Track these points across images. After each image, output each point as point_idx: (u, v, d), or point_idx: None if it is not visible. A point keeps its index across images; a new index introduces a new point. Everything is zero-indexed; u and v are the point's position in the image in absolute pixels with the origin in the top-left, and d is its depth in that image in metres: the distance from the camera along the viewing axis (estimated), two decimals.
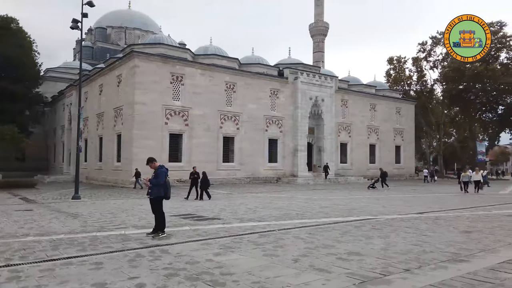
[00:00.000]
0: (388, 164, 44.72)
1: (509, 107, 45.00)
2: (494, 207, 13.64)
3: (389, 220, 9.96)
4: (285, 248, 6.34)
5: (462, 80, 44.46)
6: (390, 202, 15.98)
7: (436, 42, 50.19)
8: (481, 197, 19.28)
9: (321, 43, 65.46)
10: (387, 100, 45.65)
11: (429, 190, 25.77)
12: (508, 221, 9.63)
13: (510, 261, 5.37)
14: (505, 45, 43.28)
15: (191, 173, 17.64)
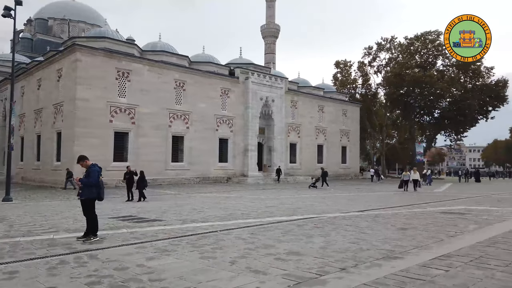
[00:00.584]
0: (335, 164, 46.08)
1: (444, 111, 48.03)
2: (429, 205, 14.29)
3: (332, 218, 10.05)
4: (224, 250, 6.09)
5: (402, 84, 46.76)
6: (335, 200, 16.28)
7: (381, 47, 52.48)
8: (418, 195, 20.26)
9: (272, 45, 66.05)
10: (334, 102, 46.95)
11: (372, 189, 26.73)
12: (441, 218, 10.05)
13: (441, 257, 5.50)
14: (441, 53, 46.12)
15: (125, 173, 16.42)
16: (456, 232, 7.70)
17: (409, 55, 48.36)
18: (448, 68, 47.59)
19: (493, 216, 10.40)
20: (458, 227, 8.43)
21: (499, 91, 45.58)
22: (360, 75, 56.16)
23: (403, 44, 49.85)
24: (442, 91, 44.14)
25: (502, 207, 12.91)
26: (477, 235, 7.33)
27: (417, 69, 46.55)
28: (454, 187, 28.15)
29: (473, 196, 18.76)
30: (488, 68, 45.95)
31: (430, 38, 46.92)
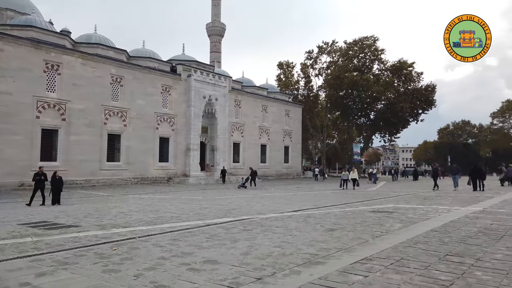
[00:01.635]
0: (278, 164, 46.44)
1: (379, 113, 50.29)
2: (362, 203, 14.51)
3: (263, 220, 9.69)
4: (134, 261, 5.42)
5: (341, 87, 48.23)
6: (272, 200, 16.05)
7: (322, 51, 53.76)
8: (354, 193, 20.70)
9: (218, 44, 65.14)
10: (278, 103, 47.29)
11: (311, 188, 27.05)
12: (369, 217, 10.08)
13: (363, 260, 5.28)
14: (377, 57, 48.23)
15: (36, 173, 14.20)
16: (382, 232, 7.64)
17: (348, 59, 50.01)
18: (383, 72, 49.89)
19: (418, 214, 10.66)
20: (384, 226, 8.43)
21: (428, 95, 48.61)
22: (303, 76, 57.14)
23: (342, 48, 51.44)
24: (377, 94, 46.13)
25: (428, 205, 13.40)
26: (401, 235, 7.31)
27: (355, 72, 48.24)
28: (387, 186, 29.34)
29: (402, 194, 19.50)
30: (418, 73, 48.87)
31: (367, 43, 48.88)
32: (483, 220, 9.30)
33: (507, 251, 5.88)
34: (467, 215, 10.29)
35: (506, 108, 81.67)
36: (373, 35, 48.94)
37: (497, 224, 8.63)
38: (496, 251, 5.88)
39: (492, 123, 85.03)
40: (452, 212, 10.98)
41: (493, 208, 12.15)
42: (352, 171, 27.40)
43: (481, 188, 21.14)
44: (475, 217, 9.80)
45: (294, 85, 58.09)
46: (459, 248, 6.10)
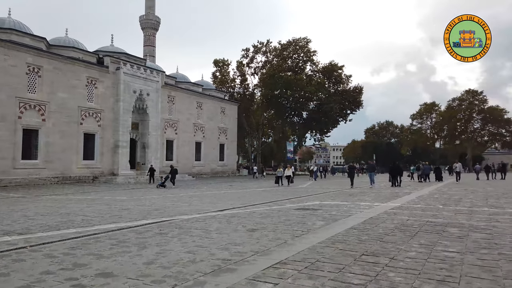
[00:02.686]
0: (213, 161, 45.70)
1: (311, 112, 51.73)
2: (290, 201, 14.40)
3: (184, 221, 9.01)
4: (10, 277, 4.48)
5: (276, 86, 48.80)
6: (200, 200, 15.37)
7: (257, 50, 53.92)
8: (285, 190, 20.71)
9: (152, 37, 62.62)
10: (213, 100, 46.54)
11: (245, 186, 26.75)
12: (293, 215, 9.86)
13: (277, 264, 4.87)
14: (310, 58, 49.49)
15: None
16: (303, 232, 7.37)
17: (282, 59, 50.73)
18: (315, 74, 51.37)
19: (341, 211, 10.68)
20: (306, 225, 8.20)
21: (356, 97, 50.99)
22: (239, 75, 56.98)
23: (277, 48, 52.05)
24: (310, 94, 47.37)
25: (351, 202, 13.62)
26: (321, 234, 7.09)
27: (289, 72, 49.09)
28: (317, 183, 30.00)
29: (330, 191, 19.89)
30: (347, 76, 51.05)
31: (300, 44, 49.95)
32: (400, 216, 9.51)
33: (420, 248, 5.85)
34: (386, 211, 10.51)
35: (424, 110, 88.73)
36: (306, 37, 50.22)
37: (413, 219, 8.83)
38: (410, 248, 5.83)
39: (412, 124, 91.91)
40: (373, 209, 11.18)
41: (410, 203, 12.64)
42: (287, 169, 28.37)
43: (398, 183, 22.75)
44: (393, 213, 10.01)
45: (230, 83, 57.73)
46: (375, 246, 5.97)
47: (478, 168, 38.25)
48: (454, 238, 6.63)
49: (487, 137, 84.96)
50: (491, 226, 7.83)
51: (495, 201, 13.22)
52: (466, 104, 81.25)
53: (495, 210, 10.58)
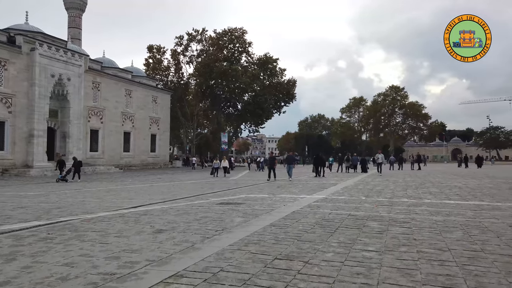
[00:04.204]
0: (143, 153, 43.35)
1: (245, 104, 51.26)
2: (215, 194, 13.55)
3: (84, 222, 7.71)
4: None
5: (211, 76, 47.49)
6: (117, 195, 13.91)
7: (192, 38, 52.00)
8: (216, 182, 19.84)
9: (77, 19, 57.49)
10: (144, 88, 44.04)
11: (174, 178, 25.42)
12: (214, 211, 9.01)
13: (170, 278, 3.97)
14: (245, 50, 48.82)
15: None
16: (217, 231, 6.53)
17: (218, 49, 49.45)
18: (251, 65, 50.86)
19: (265, 205, 10.05)
20: (223, 223, 7.38)
21: (289, 89, 51.44)
22: (173, 63, 54.66)
23: (213, 37, 50.61)
24: (245, 85, 46.76)
25: (278, 194, 13.13)
26: (235, 233, 6.30)
27: (225, 62, 48.00)
28: (249, 175, 29.53)
29: (260, 183, 19.39)
30: (282, 69, 51.25)
31: (236, 35, 49.03)
32: (323, 209, 9.09)
33: (339, 247, 5.31)
34: (310, 204, 10.08)
35: (352, 104, 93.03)
36: (242, 27, 49.43)
37: (335, 213, 8.43)
38: (328, 248, 5.25)
39: (341, 117, 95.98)
40: (297, 202, 10.72)
41: (335, 195, 12.45)
42: (223, 160, 28.55)
43: (322, 174, 23.62)
44: (316, 207, 9.59)
45: (165, 71, 55.20)
46: (291, 247, 5.31)
47: (392, 160, 40.82)
48: (374, 233, 6.23)
49: (407, 130, 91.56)
50: (410, 218, 7.64)
51: (413, 191, 13.55)
52: (390, 100, 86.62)
53: (413, 201, 10.66)
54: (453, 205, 9.59)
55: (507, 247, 5.20)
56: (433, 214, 8.13)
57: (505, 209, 8.86)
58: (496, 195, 11.91)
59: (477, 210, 8.77)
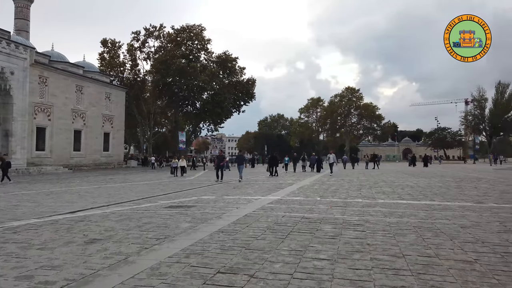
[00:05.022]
0: (96, 152, 41.18)
1: (204, 102, 50.20)
2: (166, 196, 12.75)
3: (7, 231, 6.73)
4: None
5: (169, 73, 46.02)
6: (58, 197, 12.73)
7: (149, 34, 50.20)
8: (171, 182, 18.94)
9: (25, 9, 53.46)
10: (97, 84, 41.83)
11: (126, 178, 24.11)
12: (159, 216, 8.29)
13: None
14: (204, 47, 47.81)
15: None
16: (158, 240, 5.87)
17: (176, 45, 48.05)
18: (210, 63, 49.90)
19: (217, 208, 9.47)
20: (168, 229, 6.72)
21: (249, 89, 51.03)
22: (130, 59, 52.49)
23: (171, 33, 49.12)
24: (204, 83, 45.74)
25: (232, 195, 12.59)
26: (178, 242, 5.68)
27: (183, 59, 46.71)
28: (206, 175, 28.75)
29: (216, 183, 18.75)
30: (241, 67, 50.72)
31: (195, 32, 47.89)
32: (276, 211, 8.66)
33: (289, 256, 4.85)
34: (264, 206, 9.63)
35: (310, 105, 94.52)
36: (200, 24, 48.34)
37: (289, 216, 8.02)
38: (277, 257, 4.77)
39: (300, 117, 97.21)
40: (251, 203, 10.23)
41: (290, 196, 12.11)
42: (182, 160, 28.21)
43: (275, 173, 24.13)
44: (270, 209, 9.15)
45: (120, 67, 52.84)
46: (237, 257, 4.78)
47: (345, 159, 41.81)
48: (327, 238, 5.85)
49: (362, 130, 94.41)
50: (363, 221, 7.38)
51: (367, 191, 13.52)
52: (346, 101, 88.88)
53: (367, 201, 10.52)
54: (405, 205, 9.52)
55: (461, 251, 5.00)
56: (387, 216, 7.95)
57: (455, 209, 8.89)
58: (445, 194, 12.12)
59: (429, 210, 8.73)
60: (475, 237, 5.82)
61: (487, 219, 7.44)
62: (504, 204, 9.60)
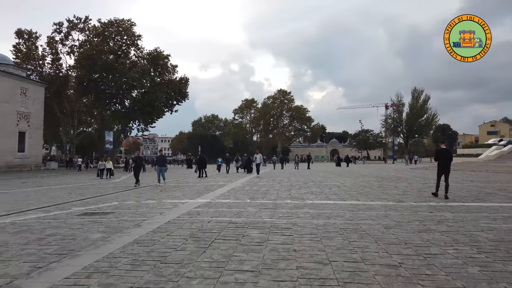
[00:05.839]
0: (9, 153, 36.96)
1: (134, 101, 47.66)
2: (83, 201, 11.48)
3: None
4: None
5: (95, 69, 42.93)
6: None
7: (73, 26, 46.48)
8: (94, 186, 17.31)
9: None
10: (10, 78, 37.61)
11: (42, 182, 21.72)
12: (67, 226, 7.25)
13: None
14: (134, 43, 45.42)
15: None
16: (59, 255, 4.97)
17: (103, 40, 45.01)
18: (140, 60, 47.55)
19: (138, 214, 8.61)
20: (75, 241, 5.80)
21: (182, 88, 49.54)
22: (50, 52, 48.08)
23: (97, 27, 45.90)
24: (133, 81, 43.39)
25: (159, 199, 11.71)
26: (81, 259, 4.84)
27: (111, 55, 43.88)
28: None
29: (143, 186, 17.57)
30: (173, 65, 49.06)
31: (124, 26, 45.31)
32: (203, 216, 8.08)
33: (210, 269, 4.33)
34: (190, 210, 8.99)
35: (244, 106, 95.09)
36: (130, 19, 45.82)
37: (215, 221, 7.49)
38: (196, 272, 4.22)
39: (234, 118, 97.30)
40: (177, 208, 9.52)
41: (220, 198, 11.59)
42: (107, 161, 26.98)
43: (204, 174, 23.93)
44: (197, 213, 8.54)
45: (39, 60, 48.19)
46: (149, 275, 4.14)
47: (274, 160, 42.67)
48: (253, 245, 5.43)
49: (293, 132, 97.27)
50: (291, 224, 7.11)
51: (296, 191, 13.50)
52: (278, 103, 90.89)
53: (296, 202, 10.39)
54: (332, 206, 9.52)
55: (386, 254, 4.88)
56: (314, 217, 7.79)
57: (379, 208, 9.07)
58: (369, 194, 12.49)
59: (354, 210, 8.78)
60: (398, 238, 5.81)
61: (408, 218, 7.61)
62: (421, 203, 10.06)
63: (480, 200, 10.50)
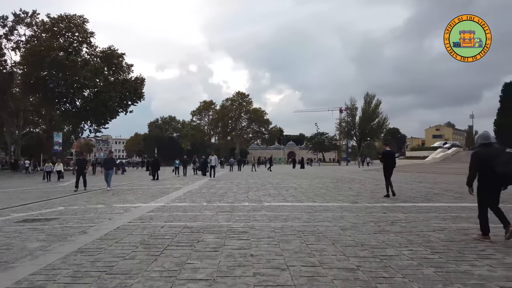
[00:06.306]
0: None
1: (86, 101, 45.35)
2: (25, 207, 10.56)
3: None
4: None
5: (43, 66, 40.33)
6: None
7: (19, 20, 43.45)
8: (40, 189, 16.05)
9: None
10: None
11: None
12: (3, 234, 6.55)
13: None
14: (86, 40, 43.27)
15: None
16: None
17: (53, 36, 42.44)
18: (93, 58, 45.37)
19: (84, 220, 7.99)
20: (9, 252, 5.18)
21: (137, 88, 47.87)
22: None
23: (46, 22, 43.22)
24: (85, 80, 41.27)
25: (109, 203, 11.03)
26: (13, 272, 4.30)
27: (61, 52, 41.45)
28: None
29: (94, 189, 16.60)
30: (128, 65, 47.32)
31: (75, 22, 43.03)
32: (156, 221, 7.65)
33: (159, 279, 3.99)
34: (143, 215, 8.50)
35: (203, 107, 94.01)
36: (82, 15, 43.62)
37: (169, 226, 7.10)
38: (144, 283, 3.88)
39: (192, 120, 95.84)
40: (129, 213, 8.98)
41: (175, 201, 11.14)
42: (58, 163, 26.22)
43: (157, 177, 23.71)
44: (149, 218, 8.08)
45: None
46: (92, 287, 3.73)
47: (232, 162, 42.59)
48: (208, 251, 5.14)
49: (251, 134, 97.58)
50: (249, 227, 6.90)
51: (254, 193, 13.33)
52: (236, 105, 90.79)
53: (254, 204, 10.20)
54: (290, 208, 9.43)
55: (343, 257, 4.79)
56: (272, 220, 7.63)
57: (335, 210, 9.10)
58: (325, 195, 12.59)
59: (311, 212, 8.74)
60: (355, 239, 5.77)
61: (363, 219, 7.67)
62: (375, 204, 10.25)
63: (429, 201, 10.90)
